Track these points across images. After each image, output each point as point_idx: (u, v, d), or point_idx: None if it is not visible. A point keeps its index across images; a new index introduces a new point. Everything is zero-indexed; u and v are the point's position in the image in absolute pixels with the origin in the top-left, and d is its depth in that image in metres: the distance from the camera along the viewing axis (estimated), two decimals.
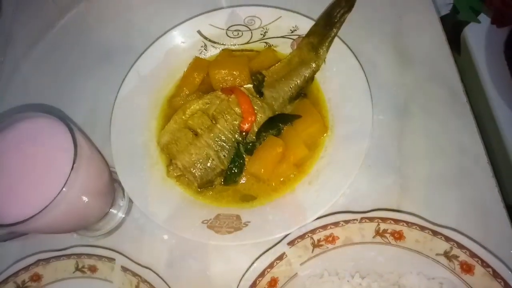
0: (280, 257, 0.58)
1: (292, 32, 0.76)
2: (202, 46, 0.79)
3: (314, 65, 0.72)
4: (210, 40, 0.78)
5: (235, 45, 0.79)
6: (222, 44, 0.79)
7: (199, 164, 0.66)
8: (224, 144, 0.67)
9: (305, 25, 0.74)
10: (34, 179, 0.55)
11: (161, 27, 0.79)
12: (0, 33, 0.91)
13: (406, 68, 0.76)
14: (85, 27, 0.89)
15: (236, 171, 0.67)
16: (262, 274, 0.58)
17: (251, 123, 0.67)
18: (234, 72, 0.71)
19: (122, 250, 0.67)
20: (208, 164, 0.67)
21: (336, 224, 0.58)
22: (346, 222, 0.58)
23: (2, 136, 0.57)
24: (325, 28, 0.71)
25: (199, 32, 0.78)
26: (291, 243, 0.59)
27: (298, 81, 0.72)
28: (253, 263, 0.59)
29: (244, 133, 0.68)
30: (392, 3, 0.82)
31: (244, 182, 0.68)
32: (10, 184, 0.55)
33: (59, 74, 0.85)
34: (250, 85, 0.72)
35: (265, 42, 0.78)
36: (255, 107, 0.69)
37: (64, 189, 0.52)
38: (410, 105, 0.73)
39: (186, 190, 0.69)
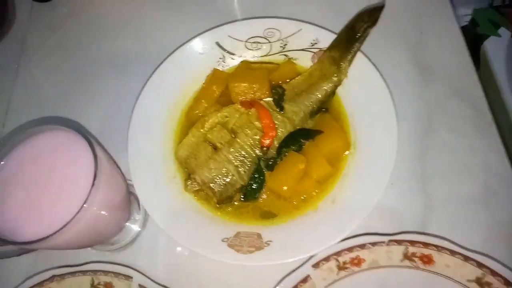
0: (305, 280, 0.56)
1: (312, 45, 0.74)
2: (220, 58, 0.77)
3: (335, 79, 0.70)
4: (228, 52, 0.77)
5: (254, 57, 0.77)
6: (241, 56, 0.77)
7: (218, 180, 0.65)
8: (244, 159, 0.66)
9: (326, 39, 0.73)
10: (52, 195, 0.53)
11: (177, 39, 0.78)
12: (14, 40, 0.90)
13: (428, 83, 0.75)
14: (100, 37, 0.88)
15: (256, 187, 0.66)
16: None
17: (272, 138, 0.66)
18: (254, 85, 0.70)
19: (138, 265, 0.65)
20: (228, 180, 0.65)
21: (362, 246, 0.57)
22: (373, 244, 0.56)
23: (19, 150, 0.56)
24: (348, 42, 0.70)
25: (217, 43, 0.77)
26: (316, 265, 0.57)
27: (319, 95, 0.70)
28: (276, 285, 0.57)
29: (265, 149, 0.66)
30: (412, 16, 0.81)
31: (264, 198, 0.67)
32: (27, 200, 0.53)
33: (74, 84, 0.84)
34: (270, 99, 0.70)
35: (285, 55, 0.77)
36: (276, 122, 0.67)
37: (85, 205, 0.50)
38: (433, 122, 0.71)
39: (205, 206, 0.67)
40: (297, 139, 0.67)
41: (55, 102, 0.82)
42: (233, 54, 0.77)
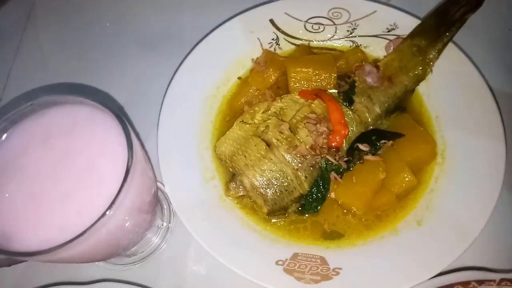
0: None
1: (388, 31, 0.62)
2: (273, 39, 0.64)
3: (420, 72, 0.58)
4: (284, 33, 0.64)
5: (314, 41, 0.64)
6: (298, 38, 0.64)
7: (273, 185, 0.51)
8: (306, 161, 0.52)
9: (407, 24, 0.61)
10: (65, 189, 0.39)
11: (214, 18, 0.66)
12: (22, 1, 0.76)
13: None
14: (123, 6, 0.75)
15: (319, 197, 0.52)
16: None
17: (343, 137, 0.53)
18: (320, 72, 0.57)
19: (158, 285, 0.52)
20: (284, 186, 0.51)
21: (465, 284, 0.43)
22: (480, 282, 0.44)
23: (24, 126, 0.42)
24: (438, 28, 0.57)
25: (271, 21, 0.64)
26: None
27: (397, 91, 0.58)
28: None
29: (334, 150, 0.53)
30: (500, 11, 0.69)
31: (326, 212, 0.53)
32: (31, 194, 0.39)
33: (89, 60, 0.70)
34: (335, 91, 0.58)
35: (352, 41, 0.64)
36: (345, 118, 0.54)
37: (111, 209, 0.36)
38: None
39: (250, 217, 0.54)
40: (372, 141, 0.54)
41: (63, 75, 0.68)
42: (289, 35, 0.64)
